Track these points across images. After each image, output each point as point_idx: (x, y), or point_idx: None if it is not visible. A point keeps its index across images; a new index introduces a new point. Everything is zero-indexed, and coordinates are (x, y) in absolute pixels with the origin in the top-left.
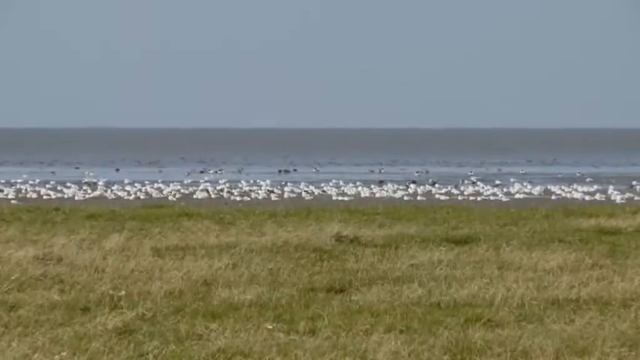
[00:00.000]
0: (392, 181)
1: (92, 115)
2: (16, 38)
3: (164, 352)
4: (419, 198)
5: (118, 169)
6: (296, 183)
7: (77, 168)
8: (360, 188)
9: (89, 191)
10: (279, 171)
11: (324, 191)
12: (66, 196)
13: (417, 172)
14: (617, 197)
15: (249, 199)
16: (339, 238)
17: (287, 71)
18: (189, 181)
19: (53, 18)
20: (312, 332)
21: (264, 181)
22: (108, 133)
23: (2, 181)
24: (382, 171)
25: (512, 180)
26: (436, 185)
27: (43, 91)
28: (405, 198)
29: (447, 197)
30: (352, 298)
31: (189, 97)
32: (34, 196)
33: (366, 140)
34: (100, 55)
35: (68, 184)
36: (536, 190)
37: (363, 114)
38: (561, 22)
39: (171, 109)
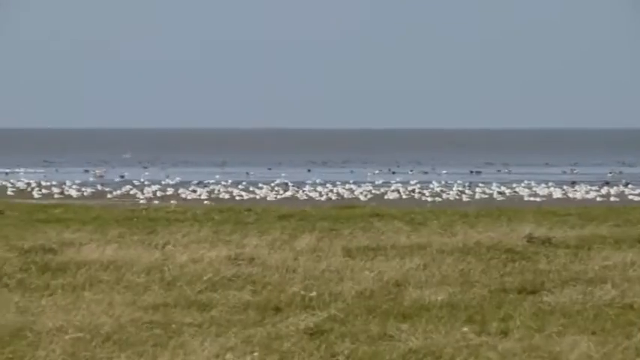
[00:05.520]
0: (584, 182)
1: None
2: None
3: (356, 353)
4: (612, 199)
5: (309, 170)
6: (487, 184)
7: (269, 169)
8: (552, 189)
9: (281, 192)
10: (471, 172)
11: (515, 192)
12: (258, 197)
13: (609, 173)
14: None
15: (440, 199)
16: (530, 239)
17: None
18: (380, 181)
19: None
20: (504, 334)
21: (455, 181)
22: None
23: (196, 181)
24: (574, 172)
25: None
26: (629, 186)
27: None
28: (598, 199)
29: None
30: (544, 300)
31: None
32: (227, 196)
33: (557, 141)
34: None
35: (260, 185)
36: None
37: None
38: None
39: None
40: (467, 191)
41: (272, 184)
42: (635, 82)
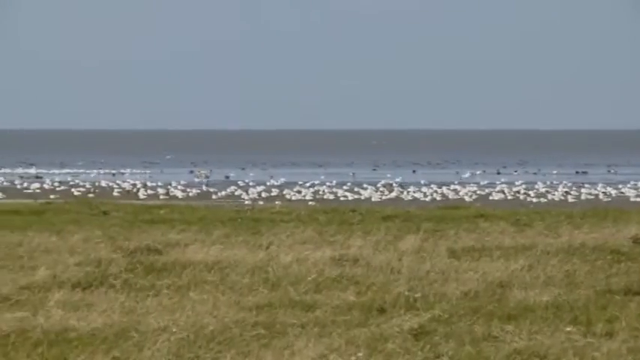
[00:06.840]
0: None
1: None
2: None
3: (460, 354)
4: None
5: (414, 171)
6: (593, 184)
7: (374, 170)
8: None
9: (386, 192)
10: (577, 172)
11: (622, 192)
12: (362, 197)
13: None
14: None
15: (545, 200)
16: (636, 240)
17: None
18: (485, 182)
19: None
20: (610, 335)
21: (561, 182)
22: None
23: (301, 182)
24: None
25: None
26: None
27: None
28: None
29: None
30: None
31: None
32: (331, 197)
33: None
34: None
35: (365, 186)
36: None
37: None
38: None
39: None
40: (572, 192)
41: (377, 185)
42: None
